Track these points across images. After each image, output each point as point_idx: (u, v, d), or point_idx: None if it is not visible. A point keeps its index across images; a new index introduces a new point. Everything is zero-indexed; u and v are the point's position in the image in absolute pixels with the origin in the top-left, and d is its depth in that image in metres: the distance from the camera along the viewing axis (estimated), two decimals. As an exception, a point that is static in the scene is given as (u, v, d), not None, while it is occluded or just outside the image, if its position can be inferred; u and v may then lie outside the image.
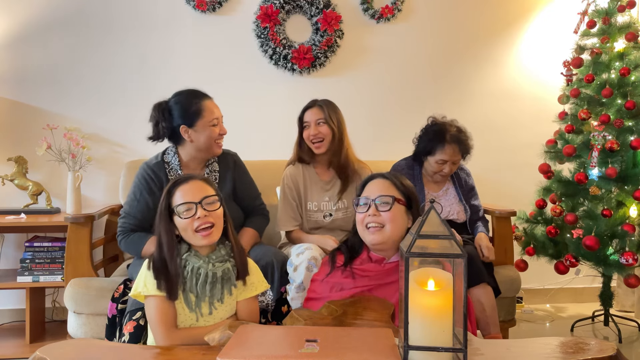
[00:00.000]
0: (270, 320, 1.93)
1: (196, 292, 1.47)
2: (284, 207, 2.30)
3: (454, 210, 2.47)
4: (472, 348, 1.24)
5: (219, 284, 1.49)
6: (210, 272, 1.48)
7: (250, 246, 2.15)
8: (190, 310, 1.47)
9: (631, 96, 2.68)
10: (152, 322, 1.45)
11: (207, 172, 2.18)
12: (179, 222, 1.49)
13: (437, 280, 1.14)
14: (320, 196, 2.31)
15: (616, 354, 1.20)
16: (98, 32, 3.03)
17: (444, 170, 2.42)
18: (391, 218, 1.57)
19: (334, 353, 1.12)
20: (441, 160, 2.40)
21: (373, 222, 1.57)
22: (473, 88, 3.32)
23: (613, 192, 2.69)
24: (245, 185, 2.26)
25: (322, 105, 2.28)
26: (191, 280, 1.47)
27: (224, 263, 1.52)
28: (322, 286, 1.63)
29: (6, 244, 2.95)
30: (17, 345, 2.60)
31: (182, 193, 1.49)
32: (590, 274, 3.06)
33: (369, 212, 1.58)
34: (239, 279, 1.53)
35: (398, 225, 1.58)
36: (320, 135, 2.25)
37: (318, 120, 2.25)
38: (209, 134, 2.07)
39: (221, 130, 2.12)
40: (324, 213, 2.30)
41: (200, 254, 1.51)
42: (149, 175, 2.09)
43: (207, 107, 2.08)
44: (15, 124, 2.98)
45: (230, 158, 2.25)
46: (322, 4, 3.11)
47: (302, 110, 2.33)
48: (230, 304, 1.53)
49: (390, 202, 1.57)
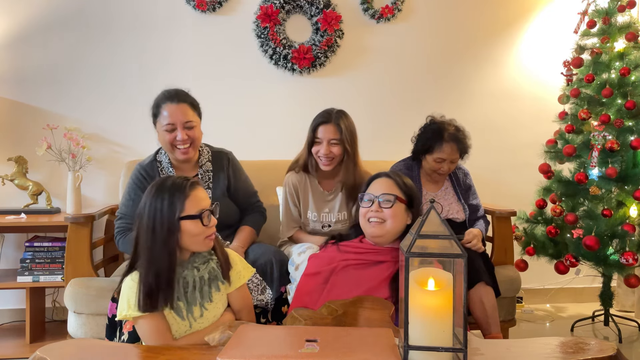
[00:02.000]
0: (270, 320, 1.93)
1: (185, 300, 1.45)
2: (287, 214, 2.30)
3: (453, 210, 2.47)
4: (472, 348, 1.24)
5: (206, 286, 1.48)
6: (197, 278, 1.46)
7: (249, 244, 2.14)
8: (182, 319, 1.45)
9: (631, 96, 2.68)
10: (151, 342, 1.41)
11: (200, 173, 2.15)
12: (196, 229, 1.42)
13: (437, 280, 1.14)
14: (320, 207, 2.28)
15: (616, 354, 1.20)
16: (98, 32, 3.03)
17: (442, 168, 2.42)
18: (392, 215, 1.70)
19: (334, 353, 1.12)
20: (439, 159, 2.39)
21: (375, 217, 1.71)
22: (473, 88, 3.32)
23: (613, 192, 2.69)
24: (240, 182, 2.24)
25: (340, 124, 2.15)
26: (179, 291, 1.44)
27: (207, 263, 1.49)
28: (317, 260, 1.79)
29: (6, 244, 2.95)
30: (17, 345, 2.60)
31: (195, 202, 1.43)
32: (590, 274, 3.06)
33: (372, 208, 1.72)
34: (224, 275, 1.51)
35: (398, 222, 1.71)
36: (331, 155, 2.17)
37: (332, 140, 2.16)
38: (162, 137, 2.05)
39: (178, 136, 2.01)
40: (323, 224, 2.28)
41: (182, 260, 1.46)
42: (142, 175, 2.11)
43: (163, 111, 2.03)
44: (15, 124, 2.98)
45: (224, 157, 2.23)
46: (322, 4, 3.11)
47: (315, 123, 2.20)
48: (220, 299, 1.52)
49: (392, 200, 1.71)
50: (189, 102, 2.06)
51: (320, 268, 1.74)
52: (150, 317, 1.39)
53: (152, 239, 1.40)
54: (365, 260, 1.71)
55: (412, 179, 2.46)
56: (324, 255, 1.80)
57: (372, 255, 1.72)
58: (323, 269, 1.72)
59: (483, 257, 2.26)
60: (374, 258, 1.71)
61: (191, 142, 2.04)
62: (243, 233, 2.14)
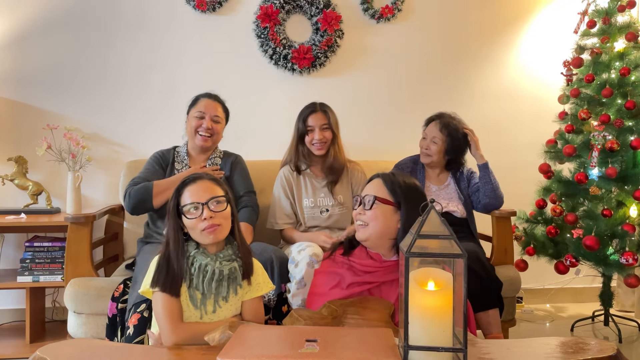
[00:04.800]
0: (271, 319, 1.94)
1: (202, 290, 1.48)
2: (279, 203, 2.40)
3: (453, 204, 2.50)
4: (472, 348, 1.24)
5: (225, 281, 1.50)
6: (217, 270, 1.49)
7: (249, 242, 2.18)
8: (195, 308, 1.48)
9: (631, 96, 2.68)
10: (159, 316, 1.46)
11: (208, 165, 2.39)
12: (186, 221, 1.50)
13: (437, 280, 1.14)
14: (316, 192, 2.41)
15: (616, 354, 1.20)
16: (98, 32, 3.03)
17: (424, 147, 2.54)
18: (372, 217, 1.62)
19: (334, 353, 1.12)
20: (424, 135, 2.57)
21: (359, 220, 1.65)
22: (473, 88, 3.32)
23: (613, 192, 2.69)
24: (238, 176, 2.41)
25: (326, 110, 2.41)
26: (198, 278, 1.48)
27: (231, 262, 1.52)
28: (324, 278, 1.67)
29: (6, 244, 2.95)
30: (17, 345, 2.59)
31: (190, 193, 1.51)
32: (590, 274, 3.06)
33: (357, 210, 1.67)
34: (244, 278, 1.54)
35: (380, 224, 1.61)
36: (324, 140, 2.39)
37: (323, 125, 2.39)
38: (190, 123, 2.36)
39: (204, 124, 2.32)
40: (321, 209, 2.38)
41: (208, 252, 1.52)
42: (159, 155, 2.42)
43: (199, 102, 2.38)
44: (15, 124, 2.98)
45: (233, 157, 2.47)
46: (322, 4, 3.11)
47: (304, 114, 2.41)
48: (234, 303, 1.53)
49: (371, 202, 1.62)
50: (222, 104, 2.43)
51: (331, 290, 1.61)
52: (168, 295, 1.46)
53: (168, 227, 1.53)
54: (376, 282, 1.60)
55: (416, 172, 2.56)
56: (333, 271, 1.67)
57: (382, 274, 1.60)
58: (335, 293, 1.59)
59: (482, 259, 2.26)
60: (385, 278, 1.59)
61: (212, 133, 2.35)
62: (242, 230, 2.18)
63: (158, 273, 1.47)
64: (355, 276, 1.61)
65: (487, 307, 2.15)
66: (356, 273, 1.62)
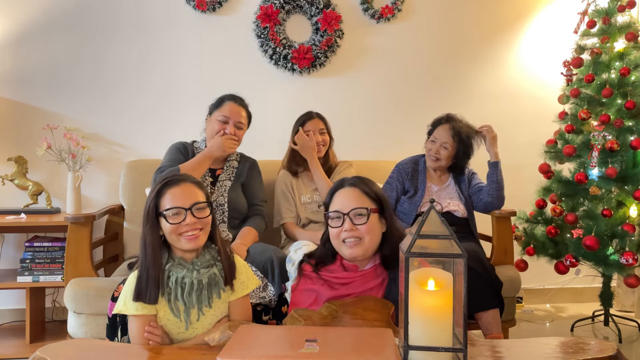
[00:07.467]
0: (271, 319, 1.94)
1: (183, 302, 1.44)
2: (282, 201, 2.52)
3: (454, 204, 2.50)
4: (472, 348, 1.24)
5: (206, 290, 1.45)
6: (196, 280, 1.44)
7: (250, 243, 2.22)
8: (179, 320, 1.44)
9: (631, 96, 2.68)
10: (135, 343, 1.41)
11: (225, 167, 2.35)
12: (165, 225, 1.43)
13: (437, 280, 1.14)
14: (311, 190, 2.55)
15: (616, 354, 1.20)
16: (98, 32, 3.03)
17: (433, 150, 2.51)
18: (368, 230, 1.52)
19: (334, 353, 1.12)
20: (433, 138, 2.53)
21: (351, 237, 1.52)
22: (473, 88, 3.32)
23: (613, 192, 2.69)
24: (252, 181, 2.42)
25: (322, 117, 2.60)
26: (176, 291, 1.43)
27: (210, 268, 1.48)
28: (300, 296, 1.60)
29: (6, 244, 2.95)
30: (17, 345, 2.59)
31: (172, 196, 1.44)
32: (590, 274, 3.06)
33: (344, 227, 1.52)
34: (226, 283, 1.49)
35: (376, 235, 1.55)
36: (322, 143, 2.57)
37: (321, 129, 2.57)
38: (212, 126, 2.30)
39: (227, 129, 2.27)
40: (318, 203, 2.52)
41: (184, 261, 1.46)
42: (180, 145, 2.38)
43: (225, 105, 2.31)
44: (15, 124, 2.98)
45: (250, 162, 2.47)
46: (322, 4, 3.11)
47: (302, 120, 2.57)
48: (219, 307, 1.50)
49: (366, 214, 1.52)
50: (247, 109, 2.38)
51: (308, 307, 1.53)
52: (143, 319, 1.41)
53: (143, 233, 1.44)
54: (355, 292, 1.54)
55: (417, 173, 2.58)
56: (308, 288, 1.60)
57: (359, 284, 1.54)
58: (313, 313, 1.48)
59: (483, 258, 2.26)
60: (362, 288, 1.54)
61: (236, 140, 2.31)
62: (245, 232, 2.24)
63: (137, 286, 1.40)
64: (331, 290, 1.55)
65: (487, 307, 2.15)
66: (332, 287, 1.56)
